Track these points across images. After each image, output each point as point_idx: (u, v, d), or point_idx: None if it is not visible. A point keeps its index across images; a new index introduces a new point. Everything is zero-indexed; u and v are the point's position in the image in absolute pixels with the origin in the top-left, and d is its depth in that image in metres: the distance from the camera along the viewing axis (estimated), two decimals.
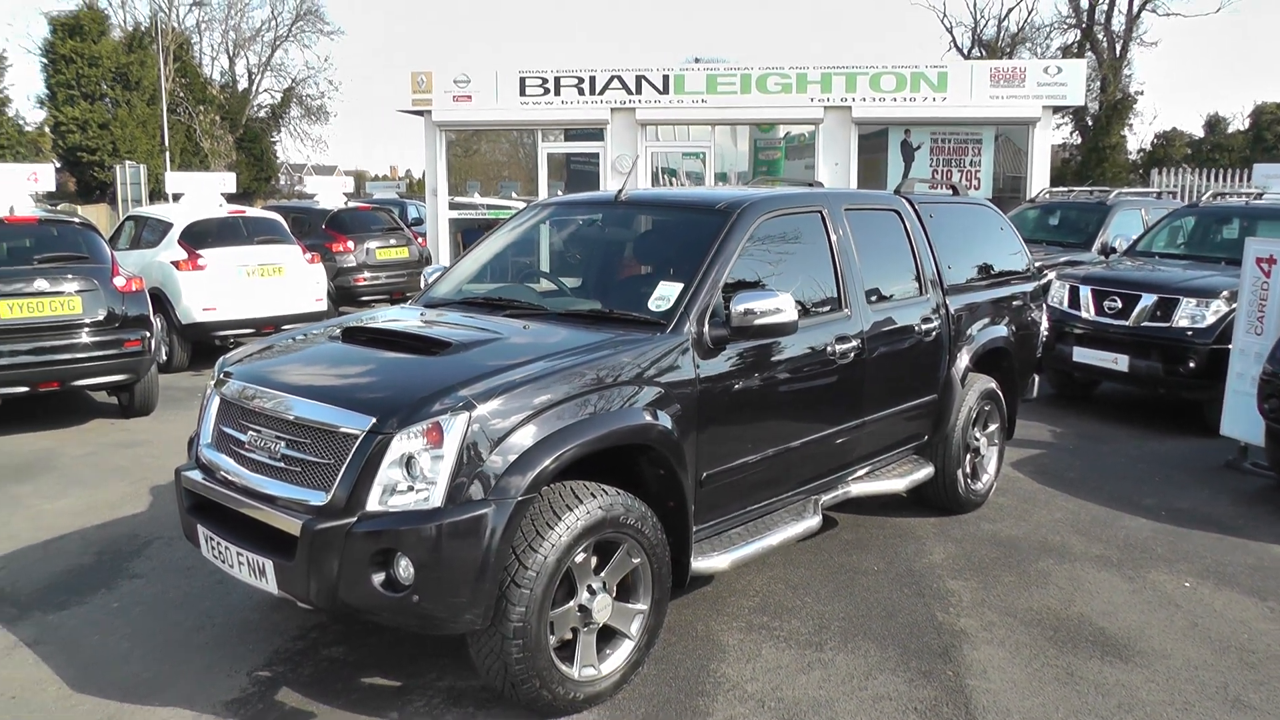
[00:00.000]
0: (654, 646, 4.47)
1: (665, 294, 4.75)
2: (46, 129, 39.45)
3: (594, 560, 4.13)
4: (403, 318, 5.27)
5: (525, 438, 3.87)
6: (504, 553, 3.77)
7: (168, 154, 35.53)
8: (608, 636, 4.26)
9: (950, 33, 59.47)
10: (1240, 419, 7.61)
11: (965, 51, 44.18)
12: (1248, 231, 10.03)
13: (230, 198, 14.95)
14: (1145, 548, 6.17)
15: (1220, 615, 5.21)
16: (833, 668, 4.57)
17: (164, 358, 11.74)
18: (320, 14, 50.76)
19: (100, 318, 8.86)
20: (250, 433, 4.23)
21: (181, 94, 42.20)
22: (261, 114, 49.99)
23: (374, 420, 3.79)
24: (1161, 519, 6.70)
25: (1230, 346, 7.92)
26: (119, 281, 9.07)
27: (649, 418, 4.28)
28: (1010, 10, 62.94)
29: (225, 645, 4.78)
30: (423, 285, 6.04)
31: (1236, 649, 4.83)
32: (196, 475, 4.43)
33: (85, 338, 8.78)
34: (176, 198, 14.98)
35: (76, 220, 9.90)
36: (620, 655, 4.27)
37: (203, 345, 12.28)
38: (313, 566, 3.76)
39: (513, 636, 3.81)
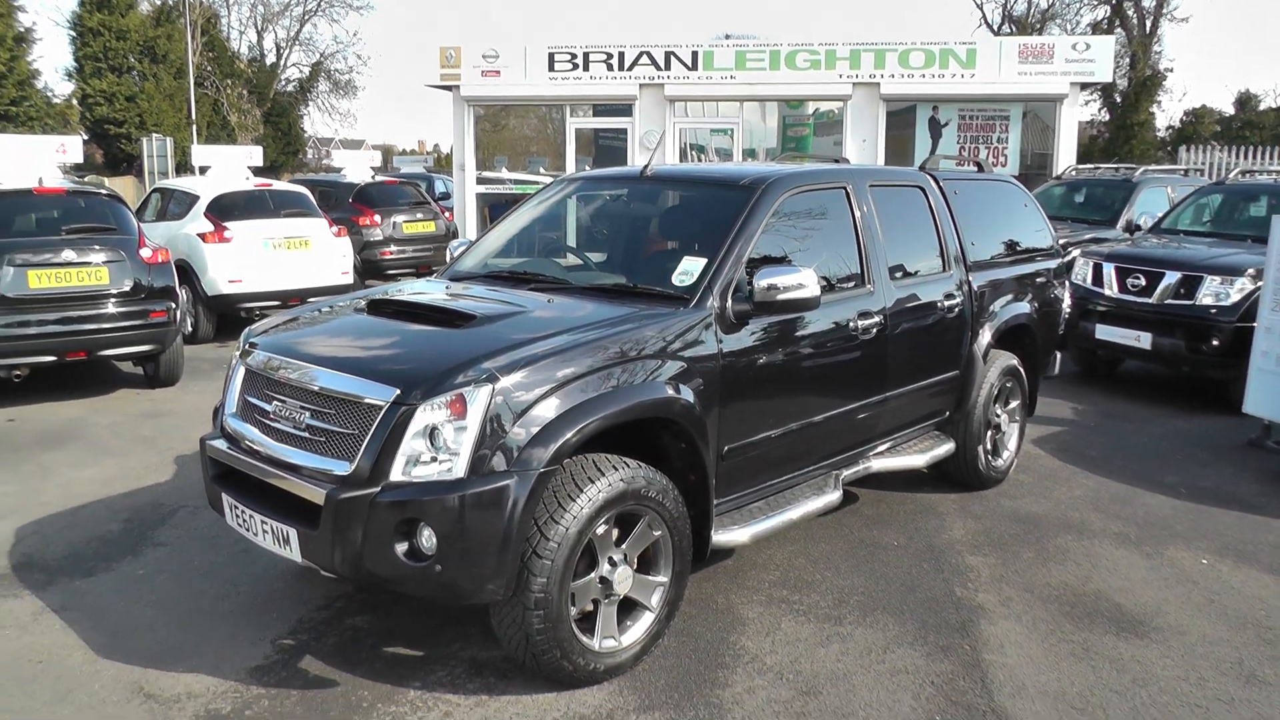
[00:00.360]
0: (674, 619, 4.51)
1: (689, 269, 4.77)
2: (74, 101, 39.61)
3: (615, 532, 4.16)
4: (428, 291, 5.31)
5: (548, 410, 3.90)
6: (526, 524, 3.80)
7: (194, 127, 35.62)
8: (628, 608, 4.29)
9: (980, 9, 58.90)
10: (1264, 397, 7.57)
11: (995, 28, 43.79)
12: (1275, 209, 9.97)
13: (257, 171, 15.02)
14: (1165, 525, 6.17)
15: (1238, 592, 5.22)
16: (851, 641, 4.61)
17: (189, 329, 11.84)
18: None
19: (126, 288, 8.94)
20: (275, 403, 4.28)
21: (209, 68, 42.30)
22: (289, 88, 50.05)
23: (398, 391, 3.83)
24: (1182, 497, 6.70)
25: (1255, 324, 7.87)
26: (145, 253, 9.15)
27: (671, 391, 4.30)
28: None
29: (249, 614, 4.84)
30: (448, 259, 6.07)
31: (1253, 625, 4.84)
32: (221, 444, 4.49)
33: (112, 308, 8.87)
34: (203, 170, 15.06)
35: (104, 192, 9.99)
36: (640, 627, 4.31)
37: (228, 317, 12.38)
38: (337, 535, 3.81)
39: (534, 607, 3.85)
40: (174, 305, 9.27)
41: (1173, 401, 9.43)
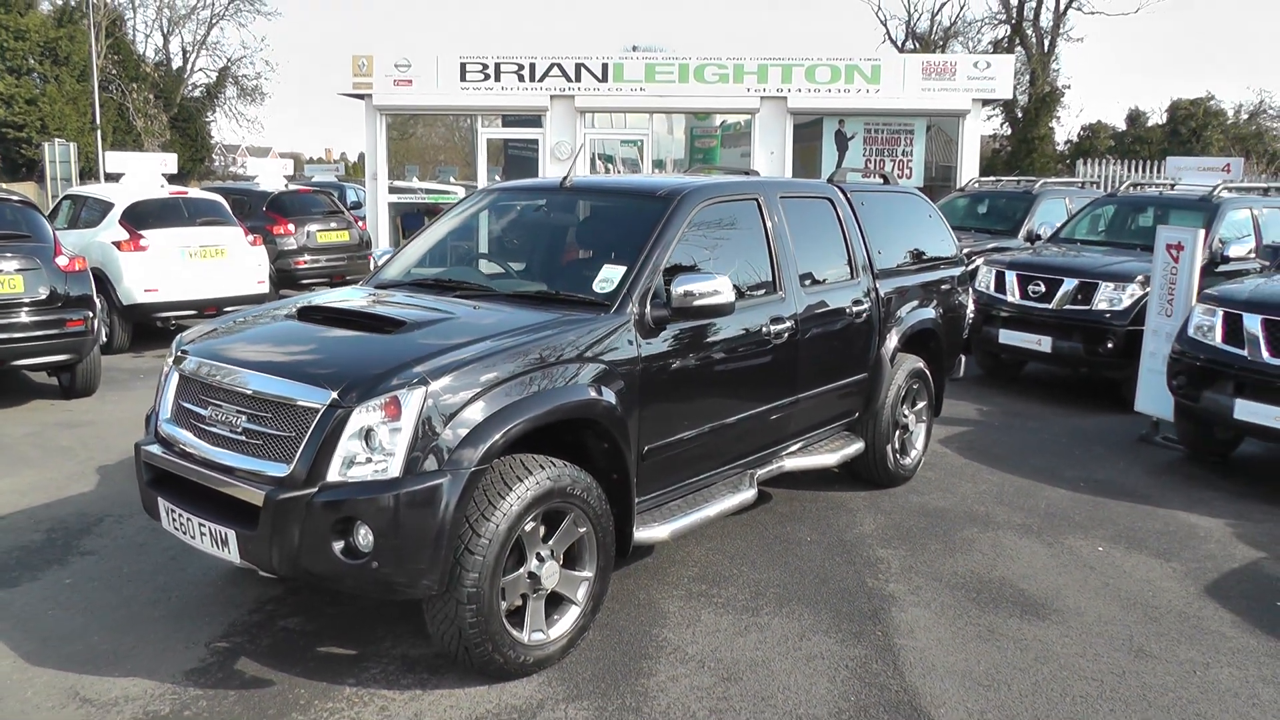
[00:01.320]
0: (599, 613, 4.67)
1: (609, 276, 4.94)
2: None
3: (542, 529, 4.31)
4: (355, 298, 5.40)
5: (476, 412, 4.04)
6: (458, 521, 3.94)
7: (100, 132, 34.80)
8: (555, 603, 4.44)
9: (885, 26, 60.23)
10: (1152, 396, 8.02)
11: (899, 44, 44.75)
12: (1160, 220, 10.48)
13: (170, 179, 14.84)
14: (1064, 516, 6.51)
15: (1129, 575, 5.57)
16: (769, 631, 4.81)
17: (105, 339, 11.65)
18: None
19: (42, 297, 8.79)
20: (211, 408, 4.35)
21: (114, 71, 41.32)
22: (196, 93, 49.13)
23: (335, 394, 3.94)
24: (1080, 489, 7.06)
25: (1144, 328, 8.32)
26: (62, 261, 9.02)
27: (593, 394, 4.46)
28: (943, 5, 63.72)
29: (183, 618, 4.87)
30: (373, 267, 6.16)
31: (1142, 605, 5.18)
32: (157, 449, 4.54)
33: (26, 317, 8.71)
34: (113, 177, 14.82)
35: (16, 198, 9.77)
36: (567, 620, 4.46)
37: (144, 327, 12.23)
38: (275, 535, 3.90)
39: (467, 602, 3.99)
40: (92, 314, 9.14)
41: (1072, 401, 9.86)
